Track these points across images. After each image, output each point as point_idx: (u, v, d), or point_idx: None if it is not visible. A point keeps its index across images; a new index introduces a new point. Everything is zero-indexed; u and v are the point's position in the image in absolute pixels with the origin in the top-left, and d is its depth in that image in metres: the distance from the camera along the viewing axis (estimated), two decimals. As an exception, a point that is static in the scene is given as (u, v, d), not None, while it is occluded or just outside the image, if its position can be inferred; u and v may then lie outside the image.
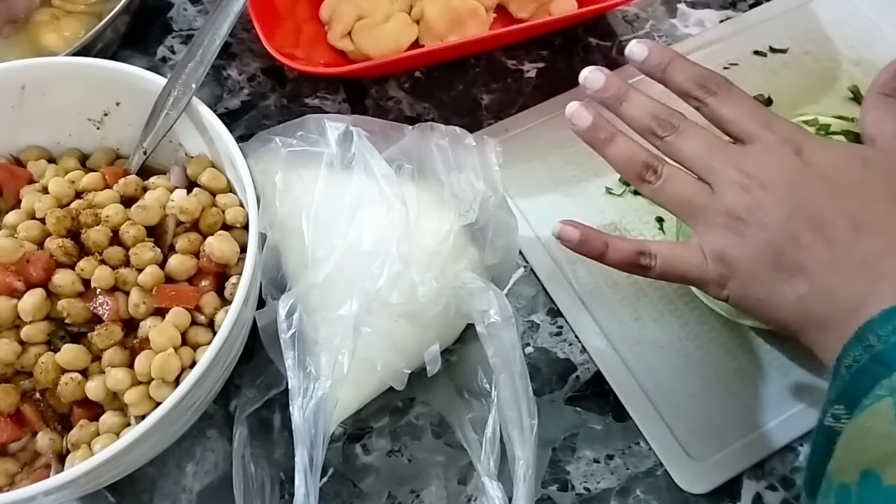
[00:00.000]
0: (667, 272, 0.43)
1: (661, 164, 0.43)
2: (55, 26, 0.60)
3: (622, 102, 0.44)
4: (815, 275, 0.38)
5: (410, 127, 0.49)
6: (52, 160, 0.51)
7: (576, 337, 0.51)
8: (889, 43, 0.61)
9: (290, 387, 0.43)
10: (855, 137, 0.49)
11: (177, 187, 0.48)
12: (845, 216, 0.38)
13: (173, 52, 0.64)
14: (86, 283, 0.44)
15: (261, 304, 0.46)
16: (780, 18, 0.63)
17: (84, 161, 0.51)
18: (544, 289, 0.53)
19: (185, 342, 0.43)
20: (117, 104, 0.50)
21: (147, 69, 0.48)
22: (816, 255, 0.38)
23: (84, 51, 0.54)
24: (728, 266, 0.40)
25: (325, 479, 0.46)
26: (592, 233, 0.44)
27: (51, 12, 0.60)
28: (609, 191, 0.56)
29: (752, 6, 0.65)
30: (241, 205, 0.48)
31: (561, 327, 0.51)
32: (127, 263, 0.44)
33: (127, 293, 0.44)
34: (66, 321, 0.43)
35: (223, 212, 0.47)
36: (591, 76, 0.45)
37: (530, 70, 0.62)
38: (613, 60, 0.62)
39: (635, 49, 0.45)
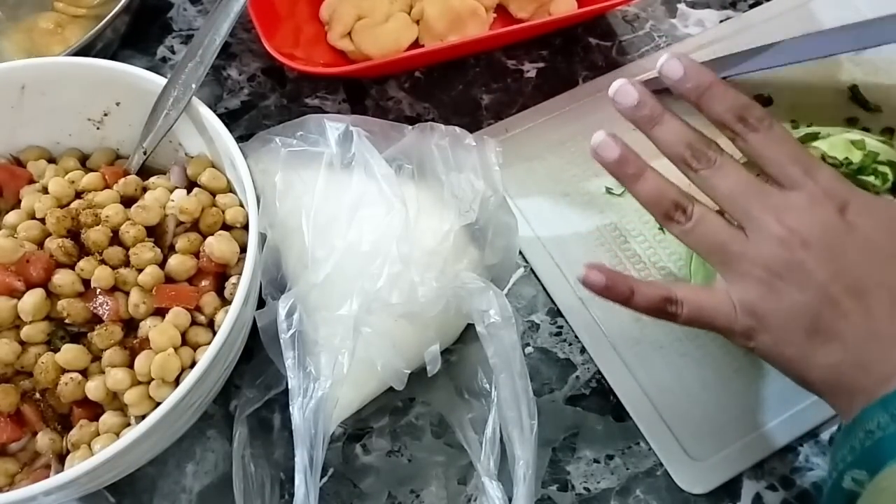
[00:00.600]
0: (693, 320, 0.41)
1: (692, 204, 0.40)
2: (61, 37, 0.60)
3: (655, 125, 0.41)
4: (850, 344, 0.37)
5: (410, 127, 0.49)
6: (52, 160, 0.51)
7: (576, 337, 0.51)
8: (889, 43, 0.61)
9: (290, 387, 0.43)
10: None
11: (177, 187, 0.48)
12: (886, 287, 0.37)
13: (173, 52, 0.64)
14: (86, 283, 0.44)
15: (261, 304, 0.46)
16: (780, 18, 0.63)
17: (84, 161, 0.51)
18: (544, 289, 0.53)
19: (185, 342, 0.43)
20: (117, 104, 0.50)
21: (147, 69, 0.48)
22: (854, 323, 0.37)
23: (84, 51, 0.54)
24: (759, 320, 0.39)
25: (325, 479, 0.46)
26: (619, 278, 0.42)
27: (55, 18, 0.60)
28: (609, 191, 0.56)
29: (752, 6, 0.65)
30: (241, 205, 0.48)
31: (561, 327, 0.51)
32: (127, 263, 0.44)
33: (127, 293, 0.44)
34: (66, 321, 0.43)
35: (223, 212, 0.47)
36: (623, 90, 0.41)
37: (530, 70, 0.62)
38: (613, 60, 0.62)
39: (669, 66, 0.40)
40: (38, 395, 0.43)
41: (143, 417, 0.39)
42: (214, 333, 0.41)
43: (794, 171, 0.39)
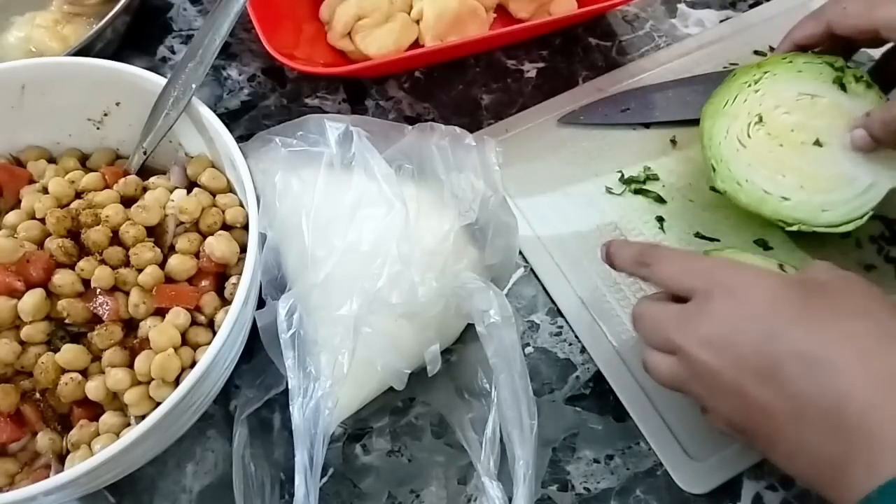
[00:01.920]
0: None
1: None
2: (60, 35, 0.59)
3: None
4: (787, 435, 0.36)
5: (410, 127, 0.49)
6: (52, 160, 0.51)
7: (576, 337, 0.51)
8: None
9: (290, 387, 0.43)
10: None
11: (177, 187, 0.48)
12: (793, 356, 0.36)
13: (173, 52, 0.64)
14: (86, 283, 0.44)
15: (261, 304, 0.46)
16: (780, 18, 0.63)
17: (84, 161, 0.51)
18: (544, 289, 0.53)
19: (185, 342, 0.43)
20: (117, 104, 0.50)
21: (147, 69, 0.48)
22: (778, 409, 0.36)
23: (84, 51, 0.54)
24: (728, 426, 0.40)
25: (325, 479, 0.46)
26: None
27: (53, 17, 0.60)
28: (609, 190, 0.56)
29: (752, 6, 0.65)
30: (241, 205, 0.48)
31: (561, 327, 0.51)
32: (127, 263, 0.44)
33: (127, 293, 0.44)
34: (66, 321, 0.43)
35: (223, 212, 0.47)
36: (603, 253, 0.47)
37: (530, 70, 0.62)
38: (613, 60, 0.62)
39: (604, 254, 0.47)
40: (38, 395, 0.43)
41: (143, 417, 0.39)
42: (214, 333, 0.41)
43: (687, 281, 0.41)
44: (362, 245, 0.45)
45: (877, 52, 0.61)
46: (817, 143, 0.49)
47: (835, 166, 0.49)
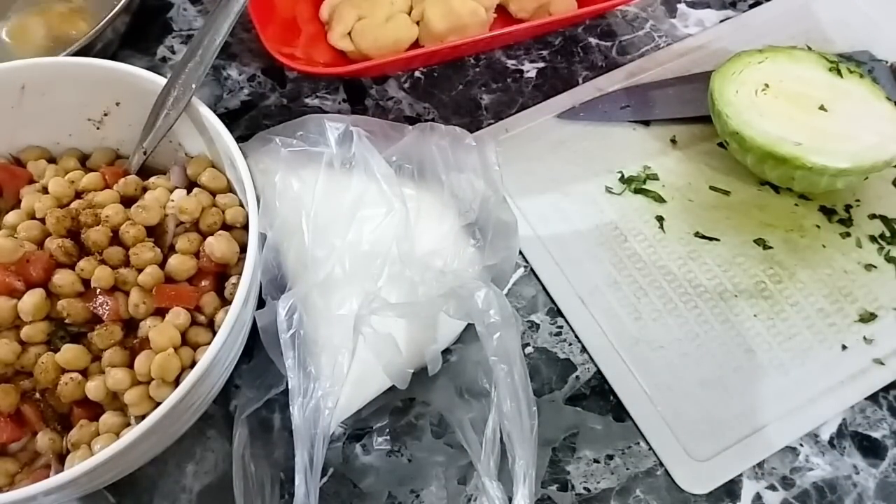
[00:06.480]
0: None
1: None
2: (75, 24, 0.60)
3: None
4: None
5: (410, 127, 0.49)
6: (52, 160, 0.51)
7: (576, 337, 0.51)
8: (889, 42, 0.61)
9: (290, 387, 0.43)
10: None
11: (177, 187, 0.48)
12: None
13: (173, 52, 0.64)
14: (86, 283, 0.44)
15: (261, 304, 0.46)
16: (780, 18, 0.63)
17: (84, 161, 0.51)
18: (544, 289, 0.53)
19: (185, 342, 0.43)
20: (117, 104, 0.50)
21: (147, 69, 0.48)
22: None
23: (84, 51, 0.54)
24: None
25: (325, 479, 0.46)
26: None
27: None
28: (609, 190, 0.56)
29: (752, 6, 0.65)
30: (241, 205, 0.48)
31: (561, 327, 0.51)
32: (127, 263, 0.44)
33: (127, 293, 0.44)
34: (66, 321, 0.43)
35: (223, 212, 0.47)
36: None
37: (530, 70, 0.62)
38: (613, 60, 0.62)
39: None
40: (38, 395, 0.43)
41: (143, 417, 0.39)
42: (214, 333, 0.41)
43: None
44: (362, 245, 0.45)
45: (880, 54, 0.61)
46: (822, 108, 0.52)
47: (842, 125, 0.52)
